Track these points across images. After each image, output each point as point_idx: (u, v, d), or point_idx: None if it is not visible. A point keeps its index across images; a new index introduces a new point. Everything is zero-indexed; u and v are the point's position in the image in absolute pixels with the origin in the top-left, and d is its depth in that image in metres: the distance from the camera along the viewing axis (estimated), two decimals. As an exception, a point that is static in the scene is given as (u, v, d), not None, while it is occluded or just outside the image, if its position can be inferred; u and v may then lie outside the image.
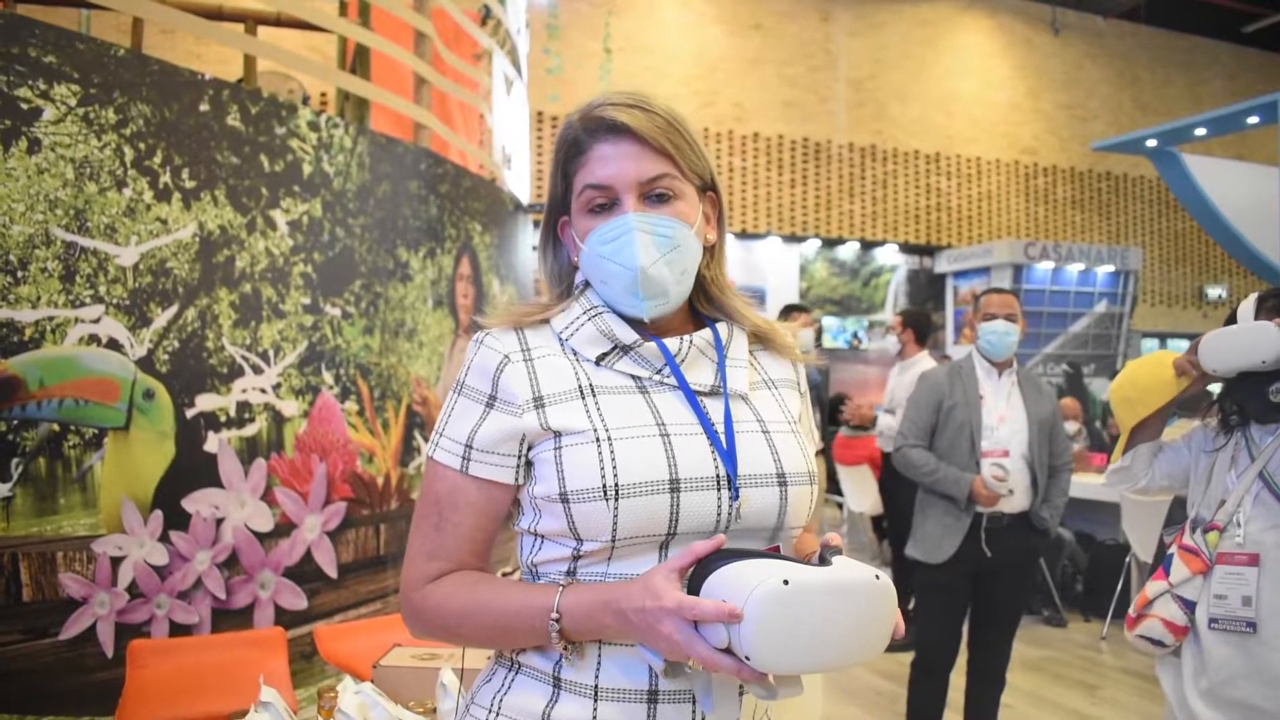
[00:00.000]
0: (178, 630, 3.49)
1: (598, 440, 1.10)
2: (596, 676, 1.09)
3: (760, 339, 1.29)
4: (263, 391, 3.88)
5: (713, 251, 1.25)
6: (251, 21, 4.94)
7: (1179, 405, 2.66)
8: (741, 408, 1.18)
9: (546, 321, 1.22)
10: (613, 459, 1.08)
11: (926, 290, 14.39)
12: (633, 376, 1.17)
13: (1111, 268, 13.61)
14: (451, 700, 1.73)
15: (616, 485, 1.07)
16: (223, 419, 3.71)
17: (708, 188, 1.24)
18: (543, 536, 1.16)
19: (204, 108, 3.67)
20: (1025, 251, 13.11)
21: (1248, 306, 2.48)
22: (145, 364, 3.44)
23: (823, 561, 1.01)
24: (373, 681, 1.93)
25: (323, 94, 9.80)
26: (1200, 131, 9.24)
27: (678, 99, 13.45)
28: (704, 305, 1.27)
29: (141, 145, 3.43)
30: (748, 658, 0.93)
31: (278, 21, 5.10)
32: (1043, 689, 4.78)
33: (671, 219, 1.16)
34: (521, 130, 7.19)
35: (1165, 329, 16.18)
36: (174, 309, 3.54)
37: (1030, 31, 15.45)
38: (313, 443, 4.10)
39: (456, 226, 5.35)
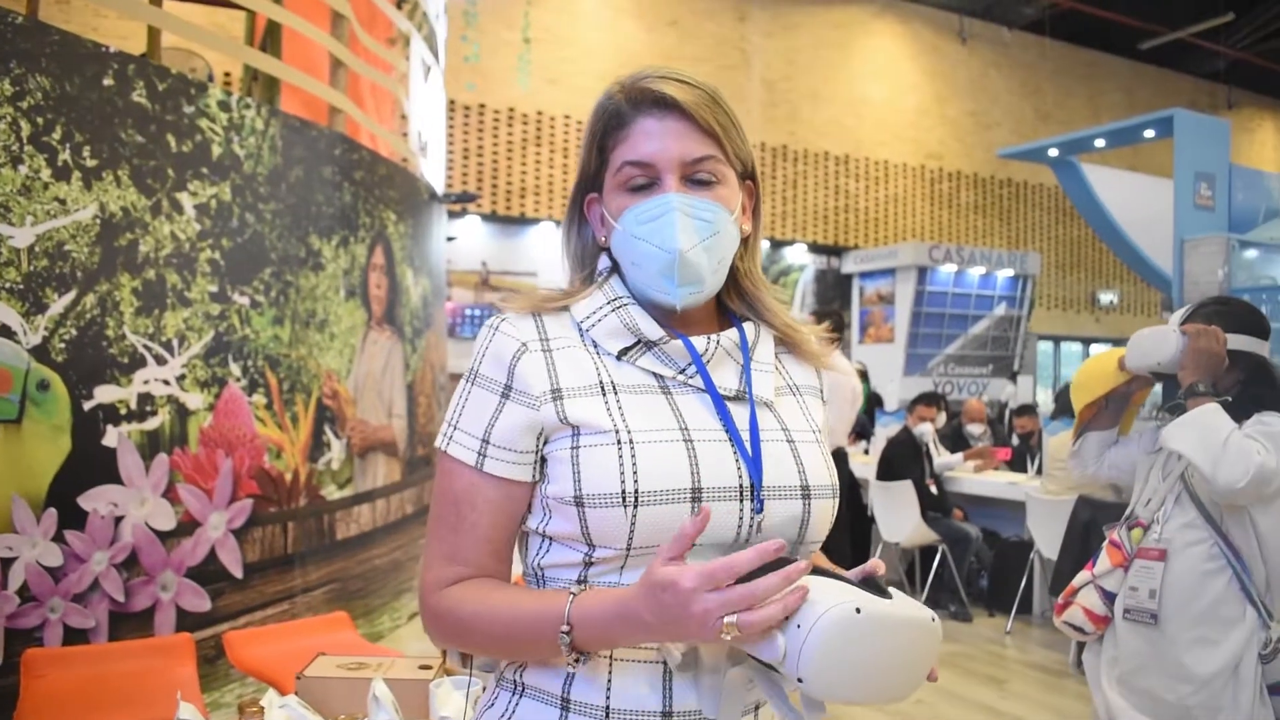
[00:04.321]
0: (73, 635, 3.29)
1: (619, 442, 1.03)
2: (608, 697, 1.04)
3: (786, 342, 1.22)
4: (166, 383, 3.69)
5: (747, 243, 1.19)
6: (156, -6, 4.71)
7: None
8: (766, 415, 1.12)
9: (567, 309, 1.14)
10: (634, 464, 1.02)
11: (834, 290, 14.59)
12: (655, 375, 1.11)
13: (1011, 272, 13.98)
14: (386, 713, 1.63)
15: (636, 492, 1.01)
16: (123, 411, 3.51)
17: (748, 175, 1.18)
18: (552, 539, 1.09)
19: (108, 82, 3.47)
20: (929, 254, 13.38)
21: (1179, 314, 2.55)
22: (40, 353, 3.23)
23: (877, 590, 0.97)
24: (296, 693, 1.83)
25: (226, 74, 9.46)
26: (1100, 143, 9.51)
27: (593, 93, 13.24)
28: (733, 299, 1.20)
29: (40, 120, 3.22)
30: (800, 679, 0.90)
31: (184, -5, 4.89)
32: (953, 684, 4.85)
33: (714, 203, 1.09)
34: (438, 118, 7.03)
35: (1060, 332, 16.72)
36: (72, 295, 3.34)
37: (939, 39, 15.79)
38: (218, 437, 3.93)
39: (371, 215, 5.20)
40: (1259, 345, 2.42)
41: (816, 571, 0.97)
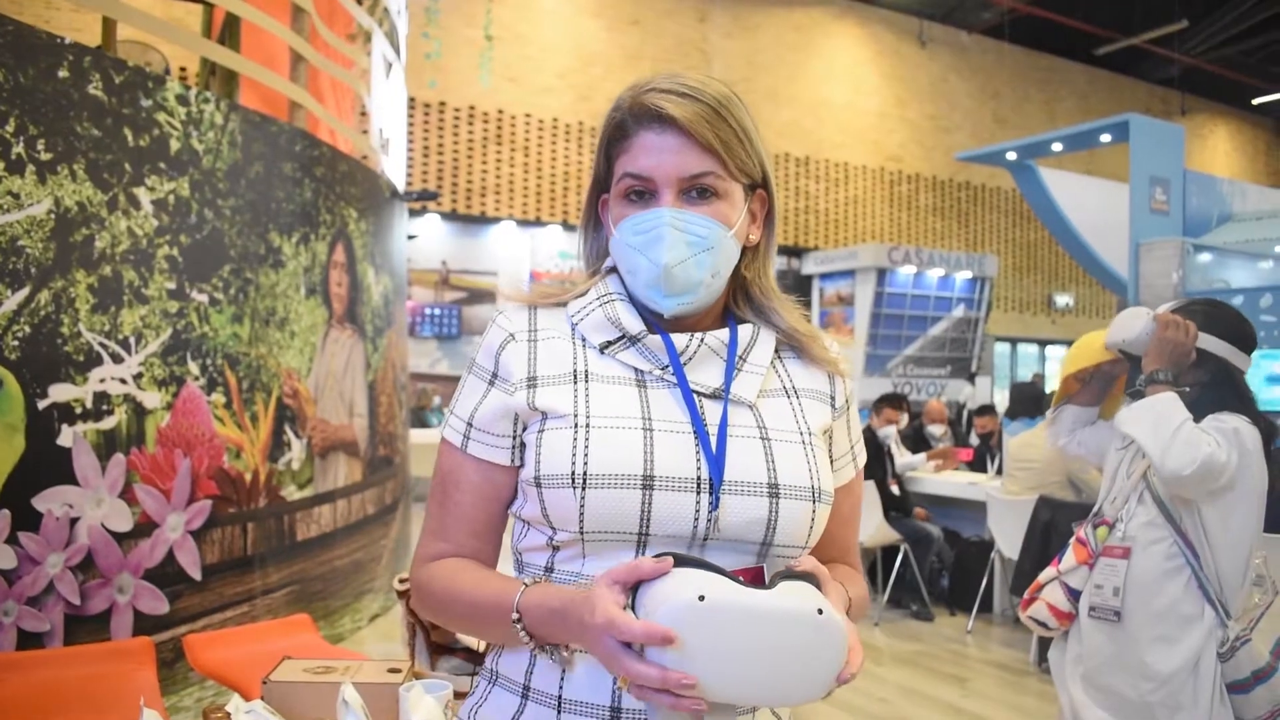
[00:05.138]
0: (27, 639, 3.21)
1: (575, 426, 1.07)
2: (561, 686, 1.07)
3: (794, 345, 1.21)
4: (123, 382, 3.62)
5: (756, 250, 1.20)
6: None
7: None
8: (743, 414, 1.12)
9: (564, 305, 1.19)
10: (585, 447, 1.05)
11: (794, 290, 14.60)
12: (635, 369, 1.13)
13: (969, 274, 14.12)
14: (355, 718, 1.61)
15: (585, 474, 1.04)
16: (78, 410, 3.44)
17: (757, 185, 1.17)
18: (528, 523, 1.14)
19: (63, 74, 3.39)
20: (889, 256, 13.48)
21: (1168, 305, 2.56)
22: (-8, 350, 3.16)
23: (771, 584, 0.94)
24: (262, 698, 1.79)
25: (182, 69, 9.33)
26: (1057, 147, 9.63)
27: (554, 92, 13.33)
28: (742, 306, 1.21)
29: (-8, 111, 3.15)
30: None
31: (141, -13, 4.80)
32: (915, 682, 4.88)
33: (708, 219, 1.10)
34: (399, 115, 6.97)
35: (1017, 334, 16.92)
36: (25, 291, 3.26)
37: (899, 42, 15.92)
38: (176, 436, 3.86)
39: (332, 212, 5.13)
40: (1234, 354, 2.42)
41: (691, 563, 0.94)
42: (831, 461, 1.20)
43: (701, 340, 1.12)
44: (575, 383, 1.11)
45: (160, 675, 3.09)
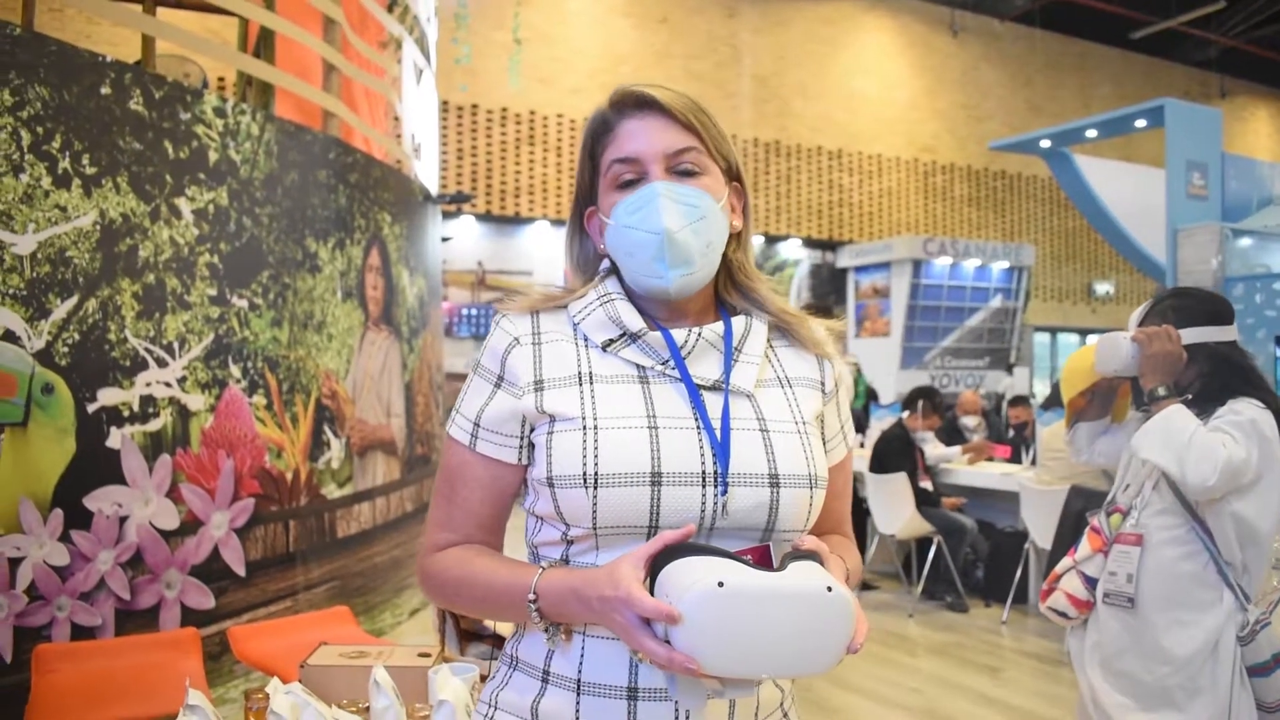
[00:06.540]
0: (80, 633, 3.36)
1: (584, 428, 1.11)
2: (579, 670, 1.12)
3: (784, 331, 1.27)
4: (167, 385, 3.75)
5: (739, 239, 1.26)
6: (150, 1, 4.76)
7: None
8: (743, 405, 1.17)
9: (565, 307, 1.24)
10: (595, 448, 1.10)
11: (829, 284, 14.63)
12: (637, 365, 1.18)
13: (1006, 264, 14.02)
14: (386, 699, 1.69)
15: (596, 474, 1.09)
16: (126, 414, 3.57)
17: (733, 177, 1.25)
18: (540, 518, 1.18)
19: (105, 91, 3.53)
20: (924, 247, 13.41)
21: (1138, 312, 2.57)
22: (44, 357, 3.29)
23: (781, 566, 1.01)
24: (300, 681, 1.89)
25: (220, 79, 9.52)
26: (1092, 133, 9.53)
27: (584, 92, 13.41)
28: (730, 292, 1.27)
29: (40, 129, 3.28)
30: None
31: (178, 3, 4.94)
32: (948, 673, 4.91)
33: (698, 190, 1.17)
34: (431, 120, 7.08)
35: (1056, 323, 16.75)
36: (74, 300, 3.40)
37: (929, 32, 15.82)
38: (220, 438, 3.99)
39: (366, 217, 5.25)
40: (1220, 332, 2.42)
41: (704, 551, 1.00)
42: (824, 442, 1.25)
43: (699, 335, 1.17)
44: (581, 385, 1.16)
45: (206, 668, 3.21)
